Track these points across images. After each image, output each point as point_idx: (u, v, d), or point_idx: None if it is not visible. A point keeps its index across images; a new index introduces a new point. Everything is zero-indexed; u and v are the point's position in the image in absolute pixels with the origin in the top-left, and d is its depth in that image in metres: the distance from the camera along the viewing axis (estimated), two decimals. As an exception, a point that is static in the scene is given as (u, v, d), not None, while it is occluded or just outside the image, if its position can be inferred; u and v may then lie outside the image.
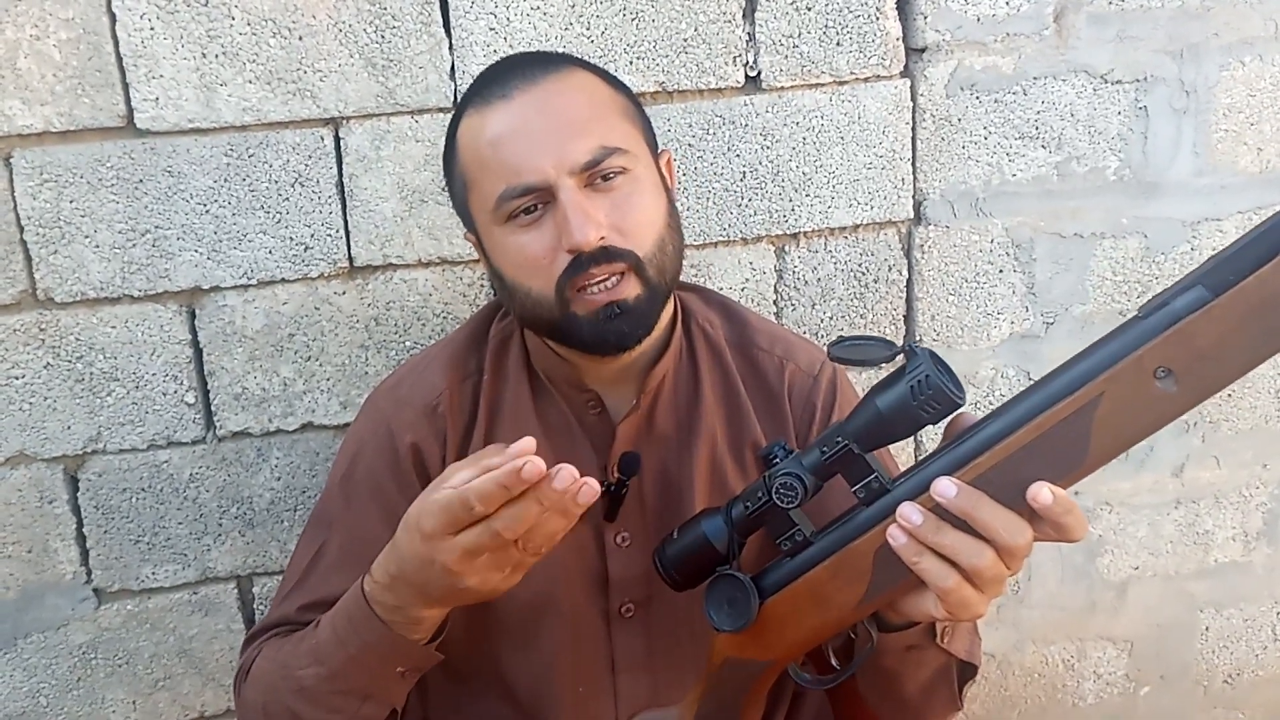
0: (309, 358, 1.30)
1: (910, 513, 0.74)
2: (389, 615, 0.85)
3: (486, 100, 0.92)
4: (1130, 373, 0.68)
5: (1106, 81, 1.39)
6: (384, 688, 0.89)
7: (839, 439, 0.77)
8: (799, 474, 0.79)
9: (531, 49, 1.25)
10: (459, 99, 1.25)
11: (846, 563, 0.78)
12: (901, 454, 1.46)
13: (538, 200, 0.90)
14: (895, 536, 0.74)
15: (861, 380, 1.42)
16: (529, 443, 0.73)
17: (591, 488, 0.73)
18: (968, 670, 0.91)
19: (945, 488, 0.72)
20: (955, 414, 0.76)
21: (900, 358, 0.75)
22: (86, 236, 1.22)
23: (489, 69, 0.98)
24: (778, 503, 0.79)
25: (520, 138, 0.89)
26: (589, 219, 0.88)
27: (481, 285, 1.32)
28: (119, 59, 1.19)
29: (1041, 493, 0.70)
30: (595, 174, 0.90)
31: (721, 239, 1.35)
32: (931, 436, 1.46)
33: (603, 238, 0.89)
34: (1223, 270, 0.66)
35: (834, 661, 0.88)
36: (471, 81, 0.99)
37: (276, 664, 0.94)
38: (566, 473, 0.72)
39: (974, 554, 0.73)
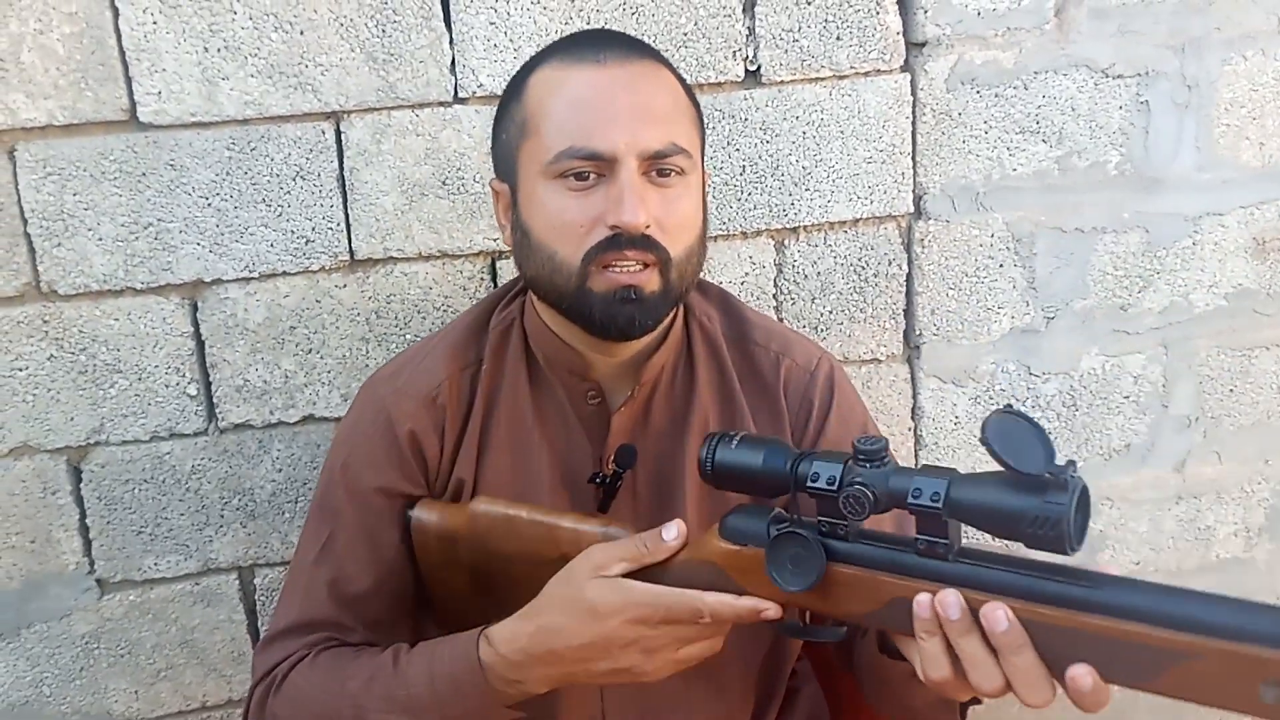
0: (310, 350, 1.30)
1: (950, 603, 0.70)
2: (503, 686, 0.88)
3: (577, 58, 0.92)
4: (1245, 663, 0.63)
5: (1108, 76, 1.38)
6: None
7: (935, 500, 0.71)
8: (875, 493, 0.74)
9: (534, 44, 1.26)
10: (459, 89, 1.27)
11: (866, 584, 0.76)
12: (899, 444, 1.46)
13: (596, 169, 0.90)
14: (920, 608, 0.72)
15: (861, 375, 1.42)
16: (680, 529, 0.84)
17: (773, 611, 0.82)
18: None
19: (997, 619, 0.69)
20: None
21: (1051, 475, 0.68)
22: (89, 229, 1.23)
23: (581, 32, 1.00)
24: (841, 506, 0.76)
25: (603, 104, 0.90)
26: (643, 203, 0.89)
27: (482, 279, 1.33)
28: (121, 53, 1.20)
29: (1084, 680, 0.67)
30: (657, 166, 0.91)
31: (721, 233, 1.35)
32: (932, 439, 1.46)
33: (648, 226, 0.90)
34: None
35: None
36: (555, 41, 0.98)
37: (332, 692, 0.93)
38: (774, 610, 0.82)
39: (982, 676, 0.70)
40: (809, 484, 0.78)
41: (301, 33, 1.22)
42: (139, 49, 1.20)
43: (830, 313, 1.40)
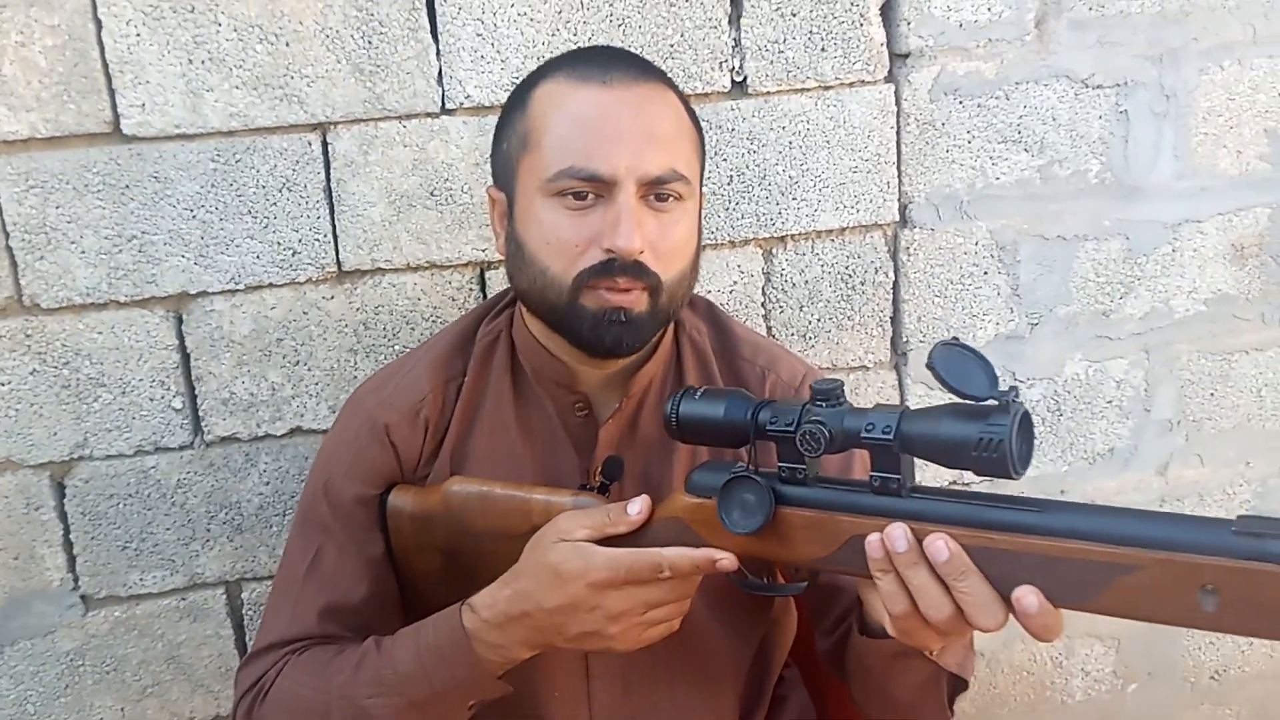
0: (297, 362, 1.30)
1: (896, 536, 0.72)
2: (488, 653, 0.88)
3: (584, 77, 0.92)
4: (1181, 571, 0.65)
5: (1088, 86, 1.40)
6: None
7: (888, 433, 0.73)
8: (831, 430, 0.76)
9: (521, 55, 1.26)
10: (446, 100, 1.27)
11: (823, 526, 0.78)
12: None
13: (595, 190, 0.90)
14: (871, 547, 0.74)
15: (849, 382, 1.43)
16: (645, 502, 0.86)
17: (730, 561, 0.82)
18: (959, 683, 0.91)
19: (938, 549, 0.71)
20: None
21: (994, 401, 0.70)
22: (73, 242, 1.22)
23: (588, 49, 0.99)
24: (798, 444, 0.77)
25: (606, 126, 0.90)
26: (639, 228, 0.89)
27: (470, 289, 1.33)
28: (105, 65, 1.19)
29: (1028, 599, 0.69)
30: (656, 191, 0.91)
31: (709, 242, 1.36)
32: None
33: (641, 252, 0.90)
34: None
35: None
36: (563, 54, 0.99)
37: (318, 688, 0.94)
38: (729, 560, 0.82)
39: (934, 605, 0.72)
40: (768, 428, 0.80)
41: (287, 44, 1.22)
42: (122, 61, 1.19)
43: (818, 321, 1.41)
